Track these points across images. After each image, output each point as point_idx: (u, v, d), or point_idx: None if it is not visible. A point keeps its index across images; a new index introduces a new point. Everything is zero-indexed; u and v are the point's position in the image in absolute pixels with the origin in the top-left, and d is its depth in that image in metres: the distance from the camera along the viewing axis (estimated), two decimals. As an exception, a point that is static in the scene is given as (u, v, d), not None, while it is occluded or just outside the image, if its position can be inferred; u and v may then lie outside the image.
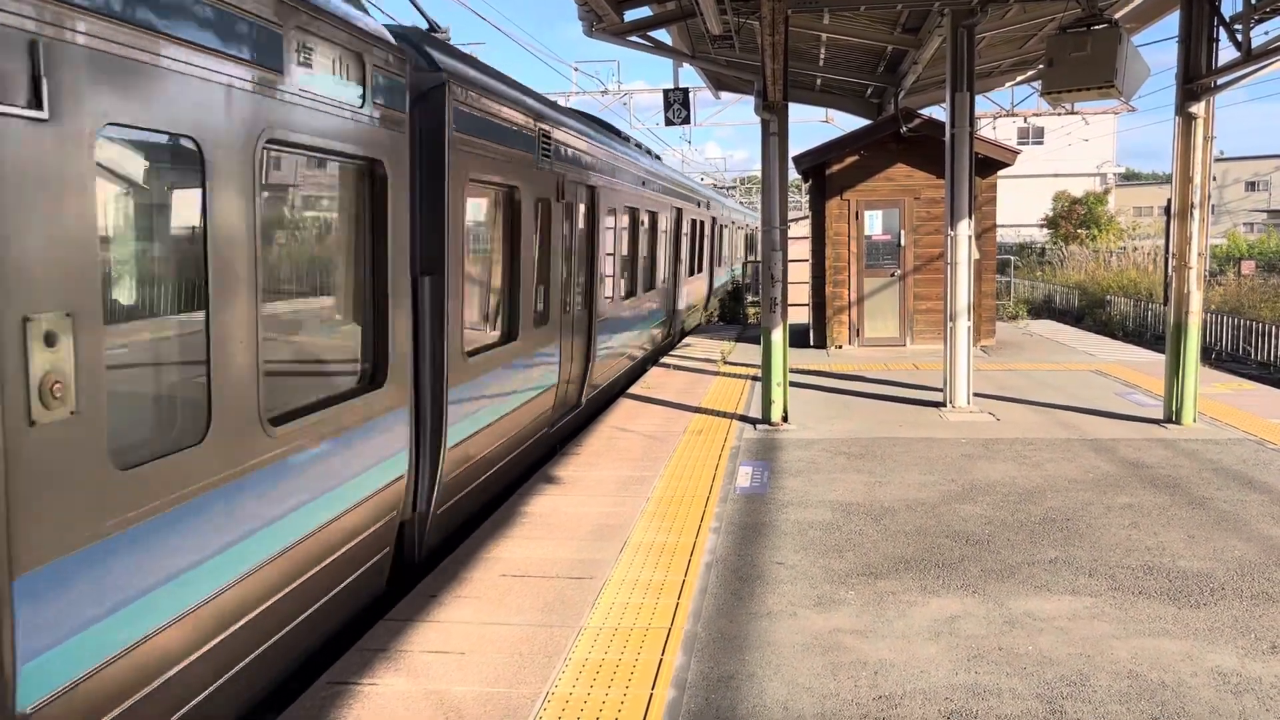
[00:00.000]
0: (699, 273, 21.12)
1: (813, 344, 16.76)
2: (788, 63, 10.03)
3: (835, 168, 16.31)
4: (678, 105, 23.22)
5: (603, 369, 11.45)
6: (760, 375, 10.56)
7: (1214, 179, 11.82)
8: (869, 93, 20.90)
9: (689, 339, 18.89)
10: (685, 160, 45.76)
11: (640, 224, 13.71)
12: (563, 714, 4.25)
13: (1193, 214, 9.79)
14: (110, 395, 3.30)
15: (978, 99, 11.82)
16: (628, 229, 12.91)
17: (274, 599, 4.41)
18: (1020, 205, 51.22)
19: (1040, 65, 15.82)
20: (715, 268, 24.70)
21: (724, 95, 21.78)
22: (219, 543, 3.95)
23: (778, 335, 10.21)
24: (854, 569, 6.03)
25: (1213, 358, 19.67)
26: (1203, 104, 9.68)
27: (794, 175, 16.80)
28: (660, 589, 5.70)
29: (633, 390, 12.62)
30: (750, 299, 25.79)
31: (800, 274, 16.41)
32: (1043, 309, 30.24)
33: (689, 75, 22.78)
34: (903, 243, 16.33)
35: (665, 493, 7.75)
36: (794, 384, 11.42)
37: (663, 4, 11.96)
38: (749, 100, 15.79)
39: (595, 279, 10.73)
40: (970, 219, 10.95)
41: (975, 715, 4.22)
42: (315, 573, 4.82)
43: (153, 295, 3.89)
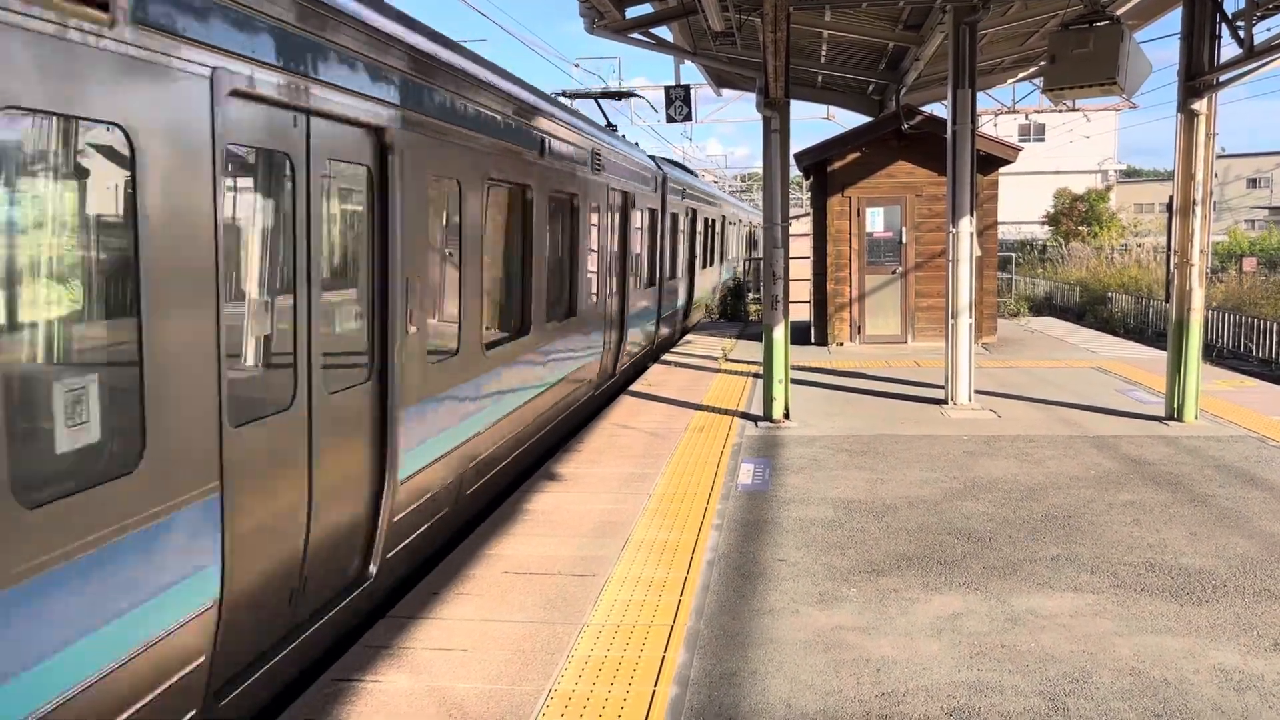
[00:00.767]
0: (712, 264, 26.23)
1: (814, 341, 16.76)
2: (789, 59, 10.02)
3: (837, 165, 16.30)
4: (679, 102, 23.16)
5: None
6: (762, 372, 10.56)
7: (1216, 176, 11.80)
8: (870, 90, 20.89)
9: (690, 336, 18.90)
10: (686, 156, 45.73)
11: (701, 226, 21.80)
12: (566, 711, 4.26)
13: (1195, 211, 9.78)
14: None
15: (979, 96, 11.81)
16: (687, 230, 19.96)
17: None
18: (1021, 202, 51.20)
19: (1042, 62, 15.85)
20: (724, 260, 29.44)
21: (725, 92, 21.78)
22: None
23: (779, 332, 10.21)
24: (856, 566, 6.03)
25: (1214, 355, 19.66)
26: (1205, 101, 9.66)
27: (795, 172, 16.81)
28: (662, 586, 5.70)
29: (634, 387, 12.62)
30: (752, 296, 25.82)
31: (801, 271, 16.43)
32: (1044, 306, 30.22)
33: (690, 72, 22.79)
34: (904, 240, 16.31)
35: (667, 490, 7.76)
36: (795, 381, 11.42)
37: (664, 1, 11.95)
38: (750, 97, 16.01)
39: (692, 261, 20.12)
40: (972, 216, 10.94)
41: (978, 712, 4.22)
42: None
43: None
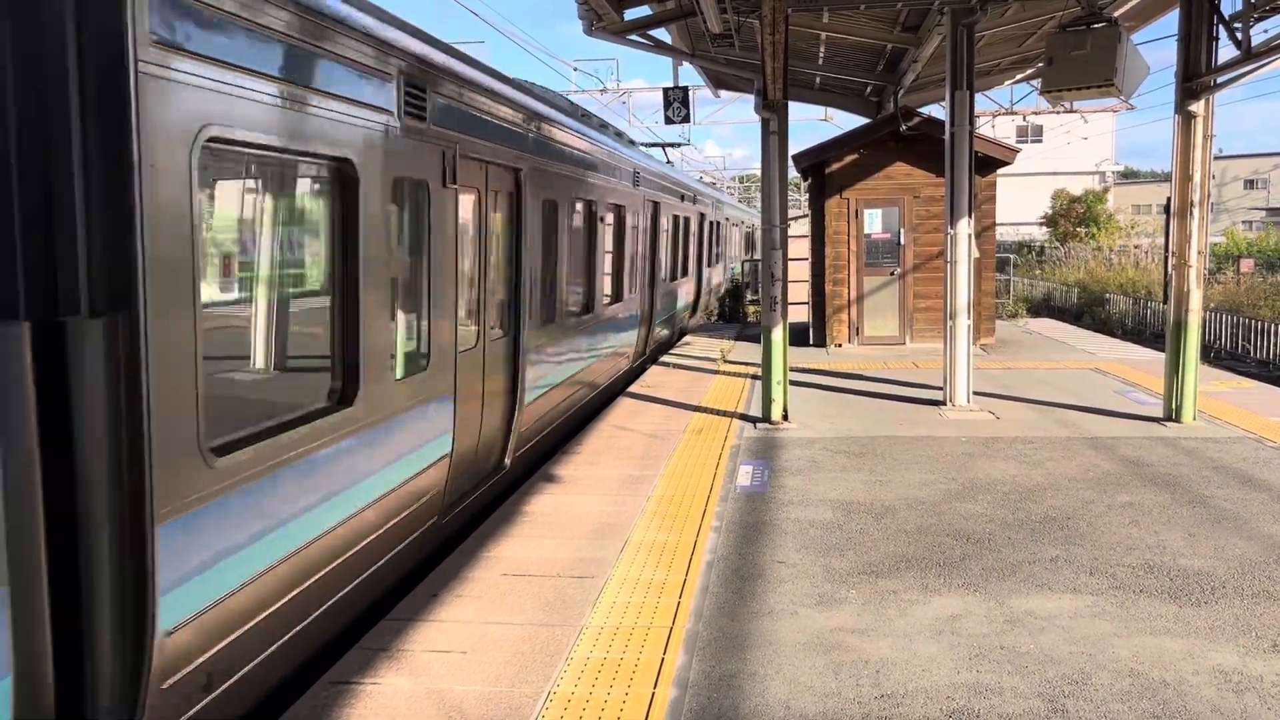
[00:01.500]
0: (717, 264, 27.50)
1: (812, 343, 16.76)
2: (788, 61, 10.03)
3: (835, 166, 16.30)
4: (677, 104, 23.19)
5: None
6: (760, 374, 10.56)
7: (1213, 177, 11.81)
8: (868, 91, 20.90)
9: (688, 338, 18.90)
10: (684, 158, 45.74)
11: (704, 230, 22.93)
12: (565, 713, 4.26)
13: (1192, 212, 9.80)
14: None
15: (977, 97, 11.81)
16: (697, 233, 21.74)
17: None
18: (1019, 203, 51.30)
19: (1040, 63, 15.83)
20: (727, 260, 30.77)
21: (723, 93, 21.78)
22: None
23: (778, 334, 10.21)
24: (855, 568, 6.03)
25: (1212, 356, 19.67)
26: (1202, 102, 9.68)
27: (793, 174, 16.82)
28: (661, 588, 5.70)
29: (633, 389, 12.62)
30: (750, 297, 25.84)
31: (800, 273, 16.44)
32: (1042, 307, 30.22)
33: (688, 74, 22.80)
34: (902, 241, 16.32)
35: (666, 492, 7.75)
36: (794, 383, 11.42)
37: (663, 3, 11.94)
38: (748, 98, 15.83)
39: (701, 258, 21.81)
40: (970, 217, 10.95)
41: (977, 714, 4.22)
42: None
43: None
